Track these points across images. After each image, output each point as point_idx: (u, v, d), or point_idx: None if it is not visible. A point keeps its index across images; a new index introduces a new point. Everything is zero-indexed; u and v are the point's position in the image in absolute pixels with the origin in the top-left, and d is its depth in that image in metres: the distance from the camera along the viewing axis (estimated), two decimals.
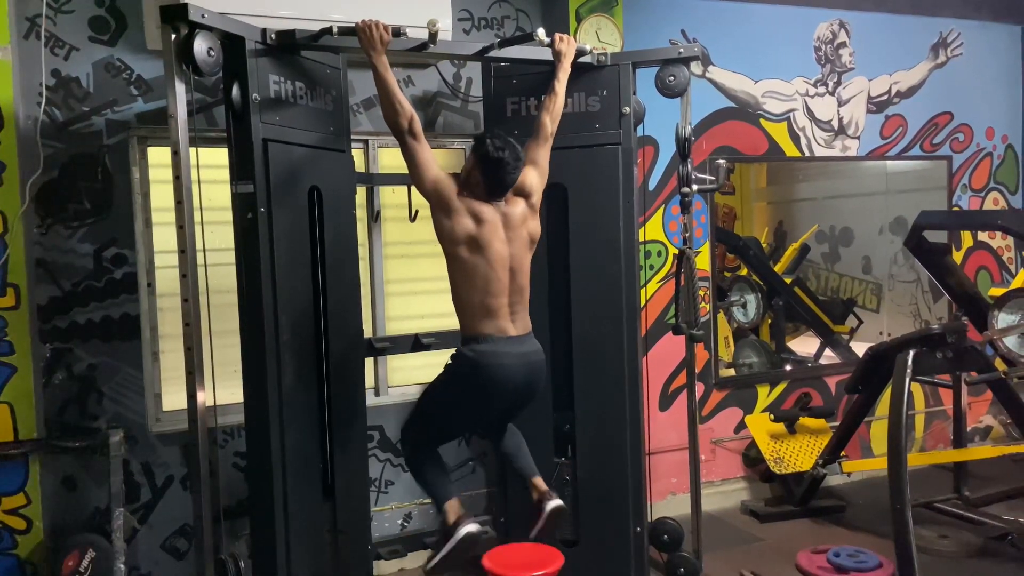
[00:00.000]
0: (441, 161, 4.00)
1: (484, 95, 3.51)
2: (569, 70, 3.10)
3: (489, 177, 2.75)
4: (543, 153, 3.01)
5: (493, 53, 3.15)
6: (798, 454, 4.35)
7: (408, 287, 3.92)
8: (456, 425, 2.98)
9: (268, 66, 2.82)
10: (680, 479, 4.28)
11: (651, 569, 3.55)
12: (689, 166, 3.42)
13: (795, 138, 4.66)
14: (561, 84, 3.07)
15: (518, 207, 2.86)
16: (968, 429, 4.50)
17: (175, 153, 2.59)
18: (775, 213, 6.01)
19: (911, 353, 3.42)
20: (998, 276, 5.29)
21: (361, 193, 3.63)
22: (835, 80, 4.75)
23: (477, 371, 2.74)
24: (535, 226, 2.91)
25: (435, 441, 2.98)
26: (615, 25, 4.03)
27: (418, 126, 2.75)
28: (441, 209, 2.75)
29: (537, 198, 2.94)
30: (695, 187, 3.47)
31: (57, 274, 3.24)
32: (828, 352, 5.41)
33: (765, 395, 4.68)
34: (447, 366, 2.87)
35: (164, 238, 3.39)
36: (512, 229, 2.82)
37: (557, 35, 3.11)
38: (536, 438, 3.41)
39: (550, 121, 3.03)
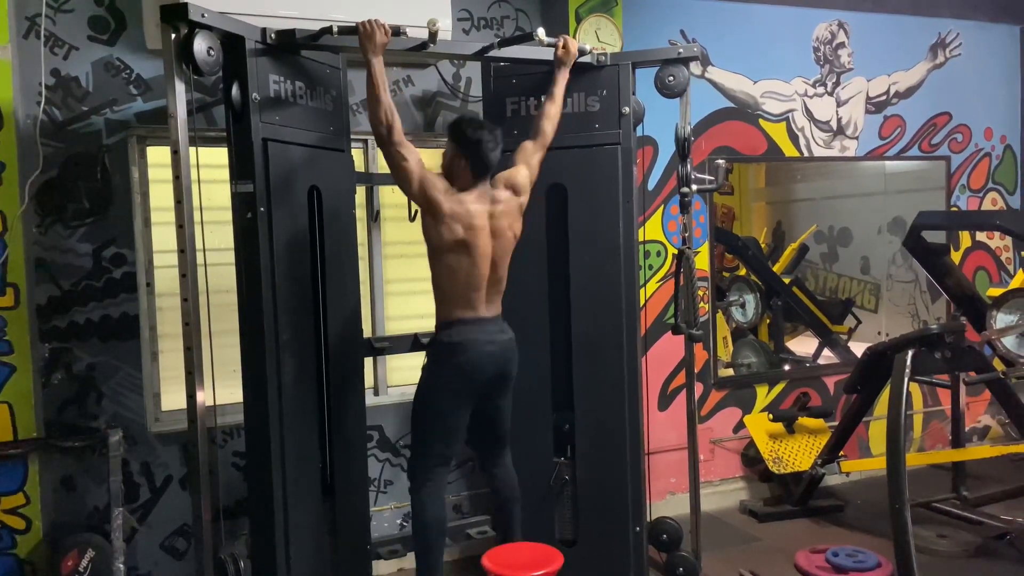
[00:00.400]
0: (440, 162, 4.02)
1: (484, 95, 3.51)
2: (568, 76, 3.11)
3: (472, 159, 2.82)
4: (539, 157, 3.05)
5: (493, 53, 3.16)
6: (797, 454, 4.36)
7: (407, 287, 3.92)
8: (452, 421, 2.95)
9: (268, 66, 2.82)
10: (679, 479, 4.28)
11: (650, 569, 3.55)
12: (688, 166, 3.43)
13: (794, 138, 4.66)
14: (561, 89, 3.11)
15: (507, 201, 2.91)
16: (966, 429, 4.51)
17: (175, 152, 2.59)
18: (774, 213, 6.01)
19: (909, 353, 3.43)
20: (996, 276, 5.30)
21: (361, 193, 3.63)
22: (834, 80, 4.75)
23: (455, 352, 2.84)
24: (519, 226, 2.97)
25: (443, 453, 2.96)
26: (614, 25, 4.03)
27: (399, 132, 2.75)
28: (430, 214, 2.79)
29: (526, 198, 2.98)
30: (694, 187, 3.47)
31: (56, 274, 3.24)
32: (827, 352, 5.41)
33: (764, 395, 4.68)
34: (425, 364, 2.95)
35: (163, 238, 3.39)
36: (498, 221, 2.87)
37: (561, 40, 3.13)
38: (535, 438, 3.42)
39: (551, 128, 3.07)
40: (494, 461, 3.14)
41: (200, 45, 2.55)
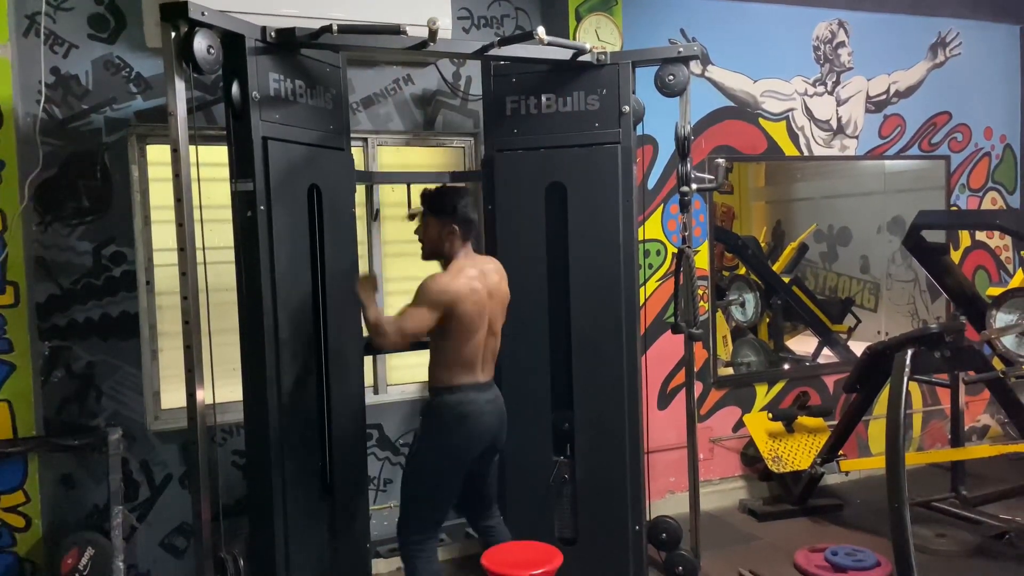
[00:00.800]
0: (441, 160, 4.02)
1: (484, 94, 3.51)
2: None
3: (462, 224, 2.84)
4: None
5: (493, 52, 3.15)
6: (796, 453, 4.36)
7: (407, 285, 3.88)
8: (450, 488, 2.89)
9: (268, 64, 2.82)
10: (678, 478, 4.29)
11: (649, 568, 3.56)
12: (688, 165, 3.42)
13: (794, 137, 4.66)
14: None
15: (494, 263, 2.98)
16: (965, 428, 4.50)
17: (174, 151, 2.58)
18: (773, 212, 6.01)
19: (909, 352, 3.43)
20: (996, 276, 5.30)
21: (360, 191, 3.63)
22: (834, 80, 4.75)
23: (464, 418, 2.81)
24: (507, 288, 2.98)
25: (438, 520, 2.91)
26: (614, 24, 4.03)
27: (404, 331, 2.73)
28: (452, 312, 2.76)
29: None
30: (694, 186, 3.47)
31: (56, 272, 3.24)
32: (826, 351, 5.41)
33: (763, 394, 4.68)
34: (426, 430, 2.86)
35: (163, 236, 3.39)
36: (490, 278, 2.89)
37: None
38: (535, 437, 3.42)
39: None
40: (486, 521, 3.09)
41: (200, 43, 2.55)
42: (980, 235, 5.24)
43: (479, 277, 2.83)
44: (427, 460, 2.85)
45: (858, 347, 4.56)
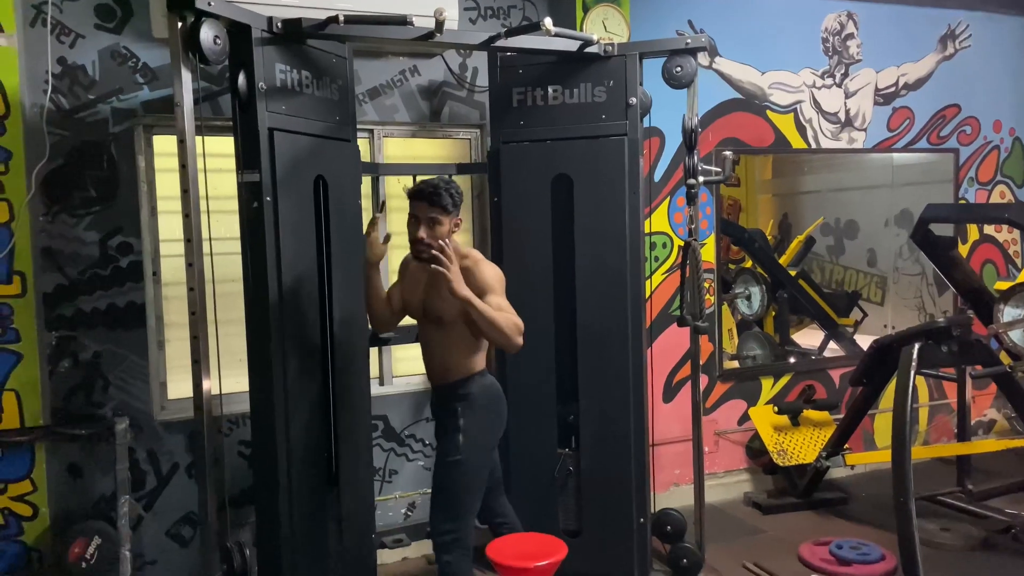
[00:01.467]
0: (447, 152, 4.02)
1: (490, 85, 3.51)
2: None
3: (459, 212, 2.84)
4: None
5: (499, 43, 3.13)
6: (801, 446, 4.36)
7: None
8: (485, 470, 2.87)
9: (274, 55, 2.81)
10: (683, 470, 4.29)
11: (654, 560, 3.56)
12: (695, 157, 3.41)
13: (801, 130, 4.64)
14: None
15: None
16: (972, 423, 4.50)
17: (181, 141, 2.58)
18: (780, 205, 5.98)
19: (916, 346, 3.42)
20: (1004, 270, 5.28)
21: (366, 183, 3.63)
22: (842, 72, 4.73)
23: (499, 399, 2.91)
24: None
25: (473, 507, 2.86)
26: (622, 15, 4.01)
27: (518, 326, 2.69)
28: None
29: None
30: (701, 179, 3.45)
31: (63, 262, 3.24)
32: (832, 345, 5.40)
33: (769, 387, 4.68)
34: (471, 417, 2.80)
35: (170, 227, 3.39)
36: None
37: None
38: (541, 429, 3.43)
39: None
40: (499, 506, 3.09)
41: (206, 34, 2.54)
42: (988, 229, 5.22)
43: None
44: (474, 446, 2.80)
45: (864, 341, 4.54)
